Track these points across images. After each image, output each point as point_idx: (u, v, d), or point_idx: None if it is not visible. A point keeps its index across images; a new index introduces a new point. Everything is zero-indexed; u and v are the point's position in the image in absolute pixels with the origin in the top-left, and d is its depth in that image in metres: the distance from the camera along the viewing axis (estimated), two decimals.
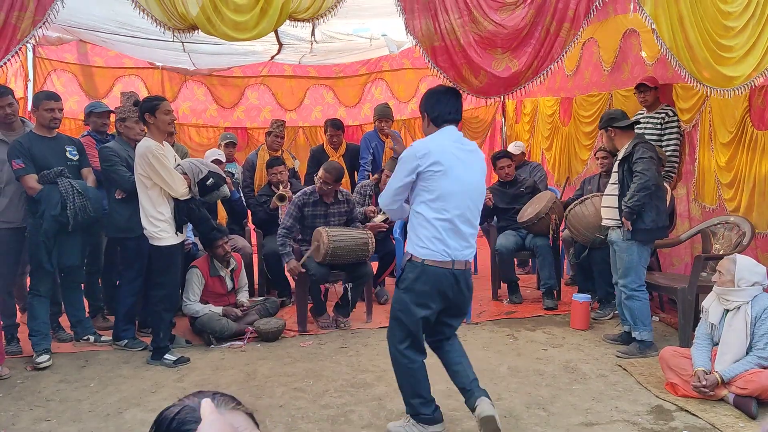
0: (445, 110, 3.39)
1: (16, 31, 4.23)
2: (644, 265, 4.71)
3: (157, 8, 4.41)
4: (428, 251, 3.26)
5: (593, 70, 6.93)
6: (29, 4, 4.21)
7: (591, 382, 4.27)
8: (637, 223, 4.57)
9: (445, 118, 3.39)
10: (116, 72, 8.51)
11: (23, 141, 4.61)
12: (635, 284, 4.66)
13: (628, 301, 4.72)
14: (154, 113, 4.52)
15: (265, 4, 4.45)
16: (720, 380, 3.78)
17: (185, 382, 4.36)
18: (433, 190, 3.23)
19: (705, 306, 4.06)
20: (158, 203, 4.50)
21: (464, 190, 3.27)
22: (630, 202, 4.51)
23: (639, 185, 4.49)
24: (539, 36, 4.84)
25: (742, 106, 4.77)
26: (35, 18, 4.24)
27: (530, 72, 4.93)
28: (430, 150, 3.24)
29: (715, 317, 3.95)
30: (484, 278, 6.72)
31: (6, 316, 4.78)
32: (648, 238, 4.64)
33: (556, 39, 4.83)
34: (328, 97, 9.53)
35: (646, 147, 4.60)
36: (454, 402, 3.98)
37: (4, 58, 4.26)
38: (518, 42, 4.87)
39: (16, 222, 4.76)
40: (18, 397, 4.13)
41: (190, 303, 5.13)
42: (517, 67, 4.89)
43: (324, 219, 5.54)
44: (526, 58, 4.87)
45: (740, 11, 4.17)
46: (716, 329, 3.95)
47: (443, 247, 3.25)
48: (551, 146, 7.99)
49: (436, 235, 3.24)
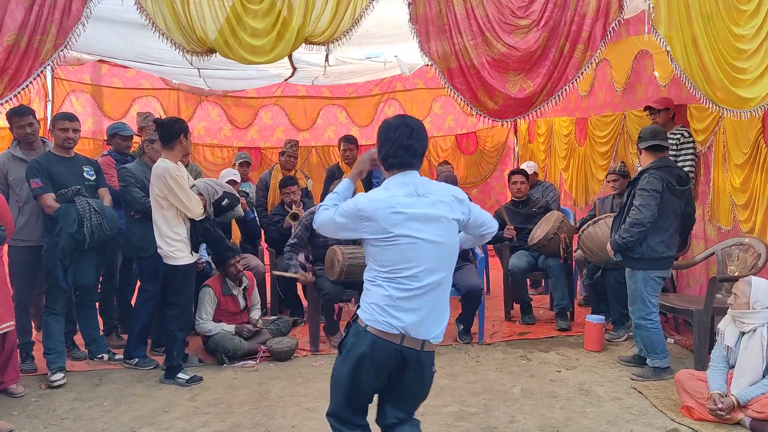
0: (394, 151, 2.62)
1: (39, 54, 4.36)
2: (651, 293, 4.59)
3: (176, 32, 4.52)
4: (372, 318, 2.59)
5: (606, 91, 6.94)
6: (51, 29, 4.33)
7: (606, 405, 4.23)
8: (631, 252, 4.54)
9: (396, 162, 2.62)
10: (133, 93, 8.63)
11: (42, 160, 4.68)
12: (642, 312, 4.59)
13: (637, 330, 4.68)
14: (186, 135, 4.62)
15: (282, 28, 4.53)
16: (736, 403, 3.73)
17: (198, 401, 4.36)
18: (382, 261, 2.58)
19: (720, 328, 4.02)
20: (174, 224, 4.54)
21: (423, 256, 2.55)
22: (623, 236, 4.49)
23: (633, 221, 4.45)
24: (553, 58, 4.87)
25: (756, 127, 4.75)
26: (57, 42, 4.37)
27: (545, 93, 4.96)
28: (372, 214, 2.54)
29: (731, 340, 3.91)
30: (497, 298, 6.70)
31: (22, 334, 4.81)
32: (648, 267, 4.55)
33: (570, 60, 4.87)
34: (341, 117, 9.60)
35: (654, 177, 4.47)
36: (467, 424, 3.96)
37: (27, 80, 4.38)
38: (531, 64, 4.90)
39: (33, 240, 4.81)
40: (33, 415, 4.16)
41: (202, 322, 5.15)
42: (531, 88, 4.92)
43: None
44: (541, 79, 4.90)
45: (753, 34, 4.19)
46: (732, 352, 3.91)
47: (391, 319, 2.55)
48: (568, 166, 7.96)
49: (388, 302, 2.56)
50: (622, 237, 4.50)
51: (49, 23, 4.32)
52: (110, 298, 5.52)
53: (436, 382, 4.59)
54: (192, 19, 4.50)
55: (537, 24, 4.83)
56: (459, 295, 5.53)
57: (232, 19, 4.50)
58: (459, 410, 4.18)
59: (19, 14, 4.25)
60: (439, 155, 9.65)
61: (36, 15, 4.29)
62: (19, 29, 4.26)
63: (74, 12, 4.37)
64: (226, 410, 4.20)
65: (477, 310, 5.55)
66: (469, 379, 4.73)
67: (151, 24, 4.50)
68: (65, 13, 4.35)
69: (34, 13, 4.29)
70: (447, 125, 9.83)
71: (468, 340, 5.56)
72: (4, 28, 4.25)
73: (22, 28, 4.26)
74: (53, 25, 4.32)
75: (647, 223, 4.42)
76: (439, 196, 2.64)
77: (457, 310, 5.74)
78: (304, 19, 4.55)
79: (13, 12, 4.26)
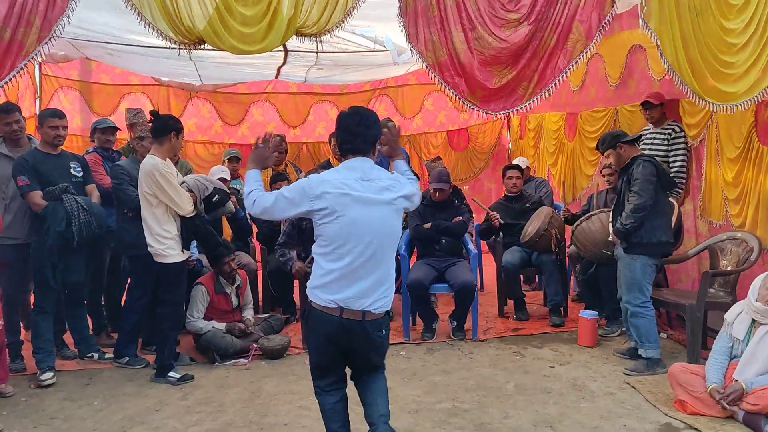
0: (345, 138, 2.95)
1: (22, 47, 4.26)
2: (648, 281, 4.67)
3: (163, 22, 4.44)
4: (315, 294, 2.91)
5: (599, 86, 6.93)
6: (35, 21, 4.23)
7: (599, 400, 4.22)
8: (632, 238, 4.58)
9: (351, 147, 2.94)
10: (122, 89, 8.56)
11: (28, 158, 4.62)
12: (639, 300, 4.63)
13: (632, 318, 4.68)
14: (178, 135, 4.57)
15: (272, 17, 4.48)
16: (744, 389, 3.71)
17: (189, 400, 4.33)
18: (326, 237, 2.85)
19: (728, 320, 3.98)
20: (164, 221, 4.49)
21: (363, 235, 2.82)
22: (625, 222, 4.55)
23: (634, 206, 4.52)
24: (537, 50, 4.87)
25: (749, 121, 4.75)
26: (41, 34, 4.26)
27: (534, 84, 4.94)
28: (321, 192, 2.82)
29: (741, 332, 3.88)
30: (491, 295, 6.68)
31: (10, 333, 4.75)
32: (649, 252, 4.62)
33: (561, 50, 4.86)
34: (333, 113, 9.54)
35: (646, 163, 4.59)
36: (461, 420, 3.95)
37: (9, 74, 4.28)
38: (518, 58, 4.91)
39: (20, 238, 4.75)
40: (22, 415, 4.11)
41: (193, 320, 5.11)
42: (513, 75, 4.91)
43: None
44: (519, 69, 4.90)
45: (742, 28, 4.21)
46: (740, 342, 3.89)
47: (331, 296, 2.85)
48: (556, 162, 7.98)
49: (326, 278, 2.86)
50: (624, 224, 4.56)
51: (33, 15, 4.21)
52: (98, 297, 5.47)
53: (429, 378, 4.64)
54: (179, 7, 4.43)
55: (527, 18, 4.83)
56: (452, 291, 5.52)
57: (221, 7, 4.43)
58: (452, 407, 4.17)
59: (3, 7, 4.16)
60: (431, 152, 9.62)
61: (20, 7, 4.18)
62: (3, 22, 4.16)
63: (59, 3, 4.27)
64: (218, 409, 4.16)
65: (470, 306, 5.53)
66: (462, 376, 4.71)
67: (138, 14, 4.40)
68: (50, 5, 4.25)
69: (17, 5, 4.17)
70: (438, 121, 9.80)
71: (461, 337, 5.54)
72: None
73: (5, 21, 4.16)
74: (37, 17, 4.21)
75: (648, 206, 4.50)
76: (386, 184, 2.93)
77: (450, 307, 5.73)
78: (296, 10, 4.50)
79: None
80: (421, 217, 5.87)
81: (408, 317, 5.69)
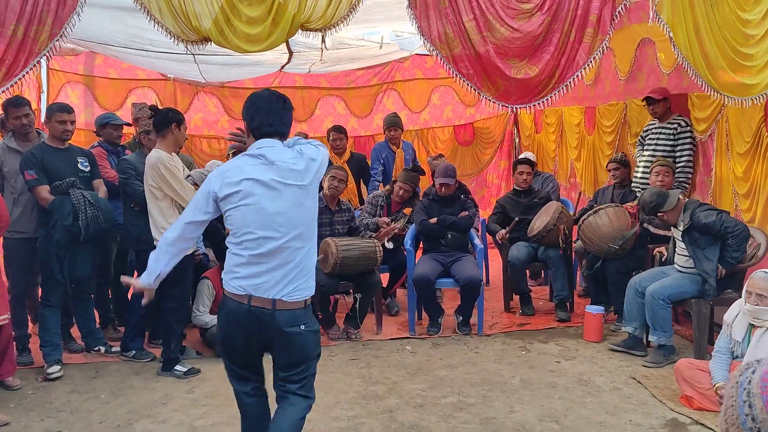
0: (266, 120, 2.81)
1: (35, 45, 4.39)
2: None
3: (171, 21, 4.49)
4: (226, 282, 2.80)
5: (612, 80, 6.88)
6: (47, 19, 4.35)
7: (605, 395, 4.21)
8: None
9: (264, 130, 2.82)
10: (129, 84, 8.56)
11: (36, 152, 4.64)
12: (665, 295, 4.71)
13: (655, 307, 4.69)
14: (180, 126, 4.57)
15: (277, 15, 4.49)
16: None
17: (196, 394, 4.34)
18: (231, 224, 2.75)
19: (727, 320, 3.94)
20: (168, 214, 4.50)
21: (270, 221, 2.70)
22: (738, 255, 4.55)
23: (740, 239, 4.51)
24: (558, 43, 4.85)
25: (759, 115, 4.70)
26: (52, 32, 4.39)
27: (555, 80, 4.94)
28: (228, 179, 2.73)
29: (740, 334, 3.85)
30: (496, 290, 6.68)
31: (18, 326, 4.78)
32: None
33: (580, 45, 4.84)
34: (340, 108, 9.53)
35: (702, 208, 4.61)
36: (466, 414, 3.95)
37: (22, 71, 4.39)
38: (534, 50, 4.90)
39: (29, 232, 4.77)
40: (29, 407, 4.13)
41: (200, 314, 5.12)
42: (535, 72, 4.89)
43: (330, 227, 5.54)
44: (544, 65, 4.88)
45: (759, 19, 4.10)
46: (739, 344, 3.86)
47: (240, 282, 2.74)
48: (580, 156, 7.84)
49: (234, 266, 2.76)
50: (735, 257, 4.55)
51: (45, 13, 4.32)
52: (105, 291, 5.50)
53: (434, 372, 4.64)
54: (186, 7, 4.47)
55: (540, 8, 4.81)
56: (458, 286, 5.51)
57: (226, 8, 4.46)
58: (458, 401, 4.16)
59: (17, 5, 4.26)
60: (437, 146, 9.58)
61: (32, 5, 4.29)
62: (17, 19, 4.25)
63: (69, 2, 4.36)
64: (224, 402, 4.17)
65: (476, 301, 5.53)
66: (468, 370, 4.71)
67: (146, 13, 4.46)
68: (61, 3, 4.34)
69: (29, 4, 4.28)
70: (445, 116, 9.76)
71: (467, 331, 5.54)
72: (8, 21, 4.27)
73: (19, 19, 4.26)
74: (49, 15, 4.32)
75: (749, 232, 4.57)
76: (291, 165, 2.75)
77: (456, 302, 5.73)
78: (300, 6, 4.50)
79: (13, 4, 4.27)
80: (427, 212, 5.86)
81: (414, 312, 5.68)
